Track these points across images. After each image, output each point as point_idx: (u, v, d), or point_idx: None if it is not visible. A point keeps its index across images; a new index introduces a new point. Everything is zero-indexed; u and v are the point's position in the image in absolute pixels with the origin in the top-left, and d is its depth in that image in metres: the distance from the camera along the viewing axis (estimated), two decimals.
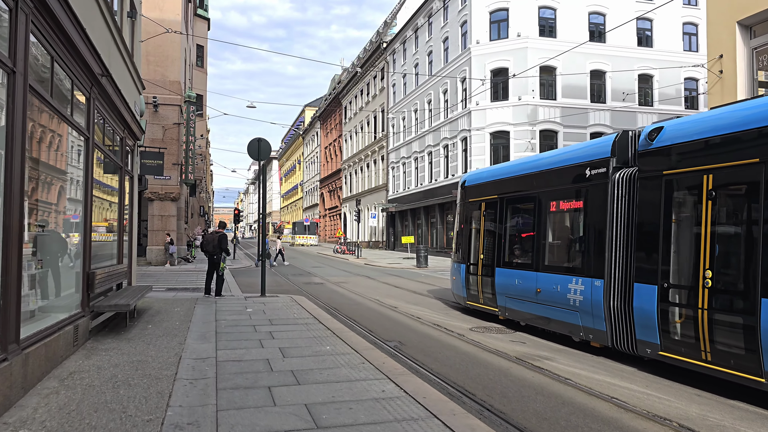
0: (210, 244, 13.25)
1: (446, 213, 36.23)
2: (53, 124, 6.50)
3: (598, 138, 8.80)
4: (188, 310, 10.90)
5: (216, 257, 13.15)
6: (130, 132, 11.02)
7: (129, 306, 7.86)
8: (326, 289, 17.47)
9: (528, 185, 10.08)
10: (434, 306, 13.77)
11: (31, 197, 5.65)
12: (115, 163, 9.99)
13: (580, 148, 8.88)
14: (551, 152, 9.86)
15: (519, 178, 10.36)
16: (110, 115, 9.14)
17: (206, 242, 13.42)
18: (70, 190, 7.37)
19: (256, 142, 13.65)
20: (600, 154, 8.23)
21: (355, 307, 13.30)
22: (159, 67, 27.15)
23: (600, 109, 31.16)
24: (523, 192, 10.25)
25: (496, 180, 11.23)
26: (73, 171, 7.42)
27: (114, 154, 10.01)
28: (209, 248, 13.28)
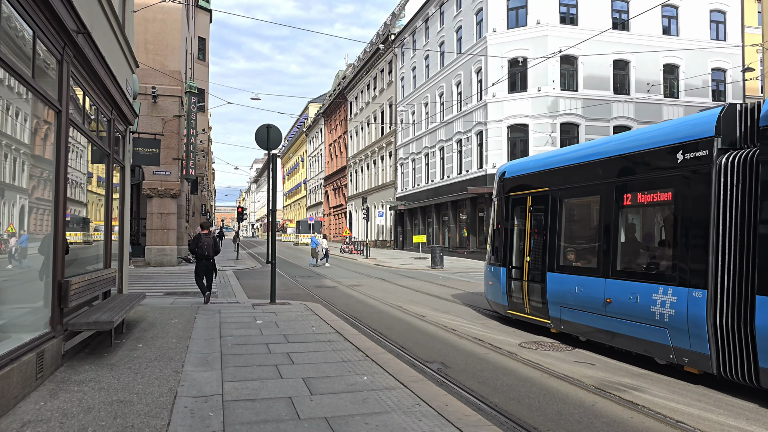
0: (206, 247, 12.06)
1: (459, 211, 34.62)
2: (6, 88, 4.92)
3: (690, 116, 7.18)
4: (187, 321, 9.31)
5: (213, 261, 12.22)
6: (120, 114, 9.44)
7: (112, 323, 6.28)
8: (340, 294, 15.88)
9: (591, 175, 8.47)
10: (466, 314, 12.19)
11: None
12: (101, 149, 8.40)
13: (666, 128, 7.26)
14: (622, 135, 8.24)
15: (580, 167, 8.73)
16: (93, 89, 7.56)
17: (202, 245, 12.06)
18: (38, 177, 5.80)
19: (265, 129, 12.07)
20: (698, 134, 6.62)
21: (378, 316, 11.71)
22: (158, 56, 25.58)
23: (623, 100, 29.51)
24: (585, 183, 8.63)
25: (547, 170, 9.62)
26: (41, 153, 5.85)
27: (100, 139, 8.43)
28: (207, 251, 12.05)
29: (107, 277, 8.30)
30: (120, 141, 10.23)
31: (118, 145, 10.15)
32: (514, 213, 10.70)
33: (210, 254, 12.09)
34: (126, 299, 8.48)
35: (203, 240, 12.07)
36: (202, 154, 44.30)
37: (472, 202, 31.77)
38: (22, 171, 5.45)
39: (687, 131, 6.81)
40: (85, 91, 7.21)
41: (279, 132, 12.19)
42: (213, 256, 12.16)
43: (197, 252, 12.02)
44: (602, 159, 8.20)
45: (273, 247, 11.99)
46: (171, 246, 25.37)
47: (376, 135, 50.64)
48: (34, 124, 5.68)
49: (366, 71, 53.20)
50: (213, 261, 12.20)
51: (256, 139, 12.00)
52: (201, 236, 12.13)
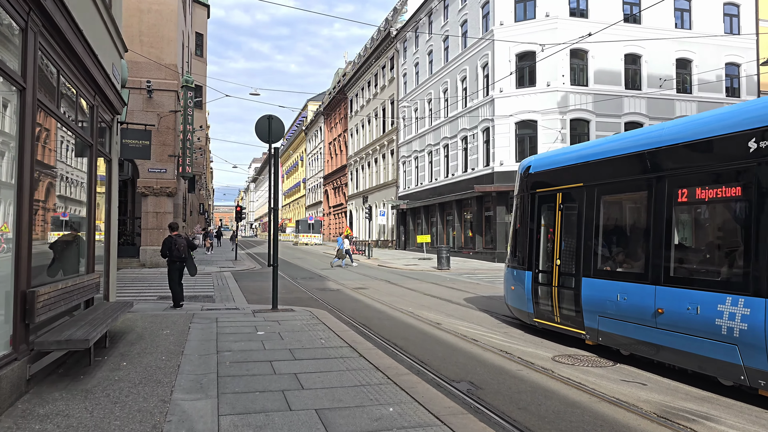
0: (182, 249, 11.52)
1: (464, 210, 33.64)
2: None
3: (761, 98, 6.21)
4: (180, 333, 8.32)
5: (191, 260, 11.78)
6: (105, 101, 8.45)
7: (88, 341, 5.29)
8: (346, 298, 14.90)
9: (637, 167, 7.50)
10: (485, 321, 11.21)
11: None
12: (81, 139, 7.41)
13: (734, 112, 6.29)
14: (677, 122, 7.25)
15: (623, 159, 7.74)
16: (71, 69, 6.57)
17: (178, 246, 11.46)
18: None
19: (266, 120, 11.08)
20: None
21: (389, 323, 10.74)
22: (153, 49, 24.58)
23: (635, 96, 28.55)
24: (631, 177, 7.65)
25: (581, 163, 8.63)
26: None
27: (81, 127, 7.44)
28: (183, 252, 11.55)
29: (89, 283, 7.31)
30: (106, 132, 9.24)
31: (104, 137, 9.16)
32: (541, 211, 9.73)
33: (186, 255, 11.62)
34: (110, 309, 7.49)
35: (178, 241, 11.49)
36: (200, 152, 43.30)
37: (478, 200, 30.80)
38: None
39: (761, 112, 5.84)
40: (59, 70, 6.21)
41: (281, 123, 11.20)
42: (189, 257, 11.76)
43: (173, 254, 11.40)
44: (652, 149, 7.22)
45: (275, 248, 11.00)
46: None
47: (377, 133, 49.65)
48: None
49: (367, 68, 52.19)
50: (191, 260, 11.81)
51: (257, 132, 11.01)
52: (173, 238, 11.48)
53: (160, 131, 24.32)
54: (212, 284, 18.07)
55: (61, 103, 6.37)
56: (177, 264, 11.56)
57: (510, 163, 28.17)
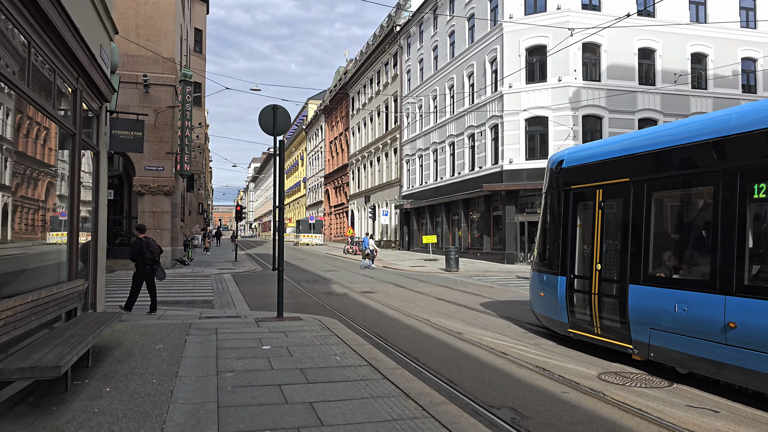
0: (156, 251, 10.97)
1: (471, 210, 32.67)
2: None
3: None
4: (176, 347, 7.35)
5: (157, 266, 11.05)
6: (90, 86, 7.49)
7: (59, 368, 4.32)
8: (354, 303, 13.94)
9: (698, 159, 6.54)
10: (509, 330, 10.26)
11: None
12: (62, 126, 6.44)
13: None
14: (745, 107, 6.30)
15: (683, 149, 6.77)
16: (45, 42, 5.61)
17: (153, 248, 10.86)
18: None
19: (271, 111, 10.11)
20: None
21: (405, 334, 9.78)
22: (150, 42, 23.61)
23: (649, 91, 27.59)
24: (692, 170, 6.69)
25: (629, 156, 7.65)
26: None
27: (60, 112, 6.48)
28: (156, 255, 10.94)
29: (70, 292, 6.35)
30: (93, 121, 8.28)
31: (90, 127, 8.20)
32: (577, 210, 8.77)
33: (158, 258, 11.02)
34: (95, 321, 6.52)
35: (151, 243, 10.86)
36: (199, 150, 42.34)
37: (486, 200, 29.84)
38: None
39: None
40: (30, 41, 5.25)
41: (287, 114, 10.24)
42: (158, 260, 11.16)
43: (147, 257, 10.64)
44: (719, 138, 6.25)
45: (280, 250, 10.03)
46: (164, 247, 23.38)
47: (380, 131, 48.69)
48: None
49: (369, 65, 51.23)
50: (159, 264, 11.21)
51: (261, 123, 10.05)
52: (144, 240, 10.79)
53: (158, 128, 23.36)
54: (211, 287, 17.11)
55: (32, 82, 5.40)
56: (148, 267, 10.83)
57: (520, 161, 27.23)
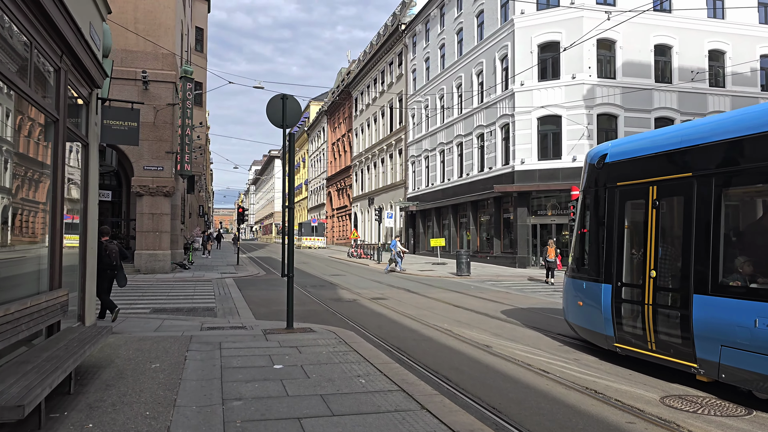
0: (114, 255, 10.31)
1: (480, 212, 31.73)
2: None
3: None
4: (174, 367, 6.40)
5: (118, 272, 10.43)
6: (78, 67, 6.57)
7: (22, 409, 3.37)
8: (366, 311, 13.00)
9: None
10: (541, 343, 9.32)
11: None
12: (40, 109, 5.51)
13: None
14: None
15: (760, 139, 5.84)
16: (21, 9, 4.67)
17: (110, 252, 10.23)
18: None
19: (280, 101, 9.18)
20: None
21: (428, 347, 8.83)
22: (150, 37, 22.71)
23: (666, 89, 26.68)
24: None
25: (694, 147, 6.70)
26: None
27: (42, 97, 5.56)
28: (114, 260, 10.32)
29: (50, 305, 5.41)
30: (82, 110, 7.35)
31: (79, 116, 7.27)
32: (625, 209, 7.82)
33: (118, 263, 10.35)
34: (80, 338, 5.59)
35: (109, 247, 10.15)
36: (200, 151, 41.44)
37: (496, 201, 28.90)
38: None
39: None
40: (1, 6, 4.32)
41: (297, 104, 9.31)
42: (121, 265, 10.57)
43: (104, 261, 9.85)
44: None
45: (290, 255, 9.09)
46: (164, 250, 22.49)
47: (384, 132, 47.77)
48: None
49: (373, 65, 50.34)
50: (122, 270, 10.62)
51: (269, 114, 9.12)
52: (103, 243, 9.98)
53: (157, 126, 22.46)
54: (213, 293, 16.18)
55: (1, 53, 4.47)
56: (108, 273, 10.11)
57: (532, 161, 26.29)
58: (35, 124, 5.75)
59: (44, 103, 5.56)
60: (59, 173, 5.99)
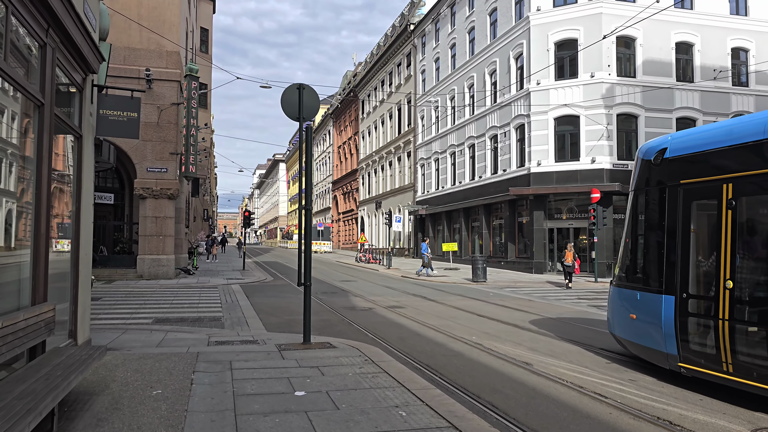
0: None
1: (493, 215, 30.78)
2: None
3: None
4: (179, 393, 5.49)
5: None
6: (68, 46, 5.69)
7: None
8: (384, 321, 12.06)
9: None
10: (585, 360, 8.38)
11: None
12: (19, 89, 4.62)
13: None
14: None
15: None
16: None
17: None
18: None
19: (296, 91, 8.29)
20: None
21: (461, 364, 7.90)
22: (154, 34, 21.91)
23: (687, 88, 25.73)
24: None
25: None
26: None
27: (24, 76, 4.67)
28: None
29: (31, 323, 4.51)
30: (75, 98, 6.47)
31: (71, 104, 6.39)
32: (691, 210, 6.88)
33: None
34: (65, 365, 4.68)
35: None
36: (204, 153, 40.65)
37: (511, 205, 27.96)
38: None
39: None
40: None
41: (315, 95, 8.41)
42: None
43: None
44: None
45: (307, 261, 8.17)
46: (168, 255, 21.62)
47: (392, 134, 46.89)
48: None
49: (380, 66, 49.52)
50: None
51: (284, 106, 8.23)
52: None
53: (161, 126, 21.63)
54: (219, 301, 15.27)
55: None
56: None
57: (549, 163, 25.35)
58: (17, 112, 4.87)
59: (24, 82, 4.67)
60: (44, 167, 5.10)
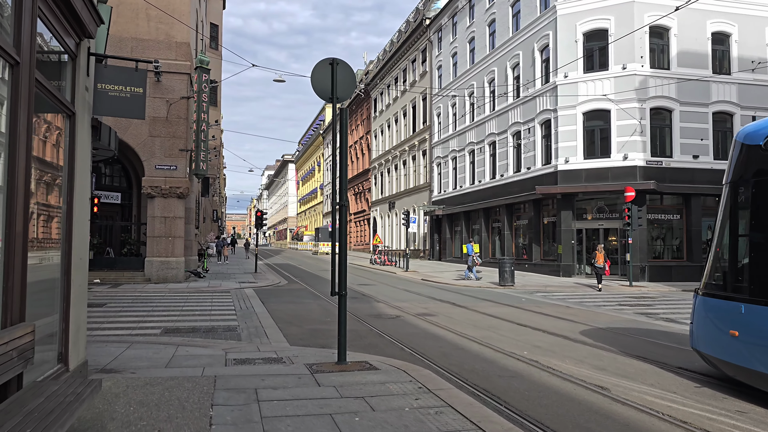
0: None
1: (516, 216, 29.47)
2: None
3: None
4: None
5: None
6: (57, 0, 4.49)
7: None
8: (419, 332, 10.81)
9: None
10: (668, 383, 7.11)
11: None
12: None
13: None
14: None
15: None
16: None
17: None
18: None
19: (328, 66, 7.06)
20: None
21: (524, 388, 6.66)
22: (162, 24, 20.82)
23: (724, 81, 24.32)
24: None
25: None
26: None
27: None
28: None
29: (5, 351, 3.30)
30: (66, 68, 5.28)
31: (62, 76, 5.21)
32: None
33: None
34: (44, 411, 3.47)
35: None
36: (214, 152, 39.60)
37: (535, 204, 26.63)
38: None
39: None
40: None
41: (350, 71, 7.19)
42: None
43: None
44: None
45: (342, 267, 6.94)
46: (177, 257, 20.49)
47: (406, 133, 45.64)
48: None
49: (394, 64, 48.30)
50: None
51: (314, 84, 7.00)
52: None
53: (170, 121, 20.52)
54: (233, 307, 14.10)
55: None
56: None
57: (577, 160, 24.02)
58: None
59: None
60: (20, 147, 3.90)
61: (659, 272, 22.83)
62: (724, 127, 24.38)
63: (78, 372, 5.35)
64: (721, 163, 23.87)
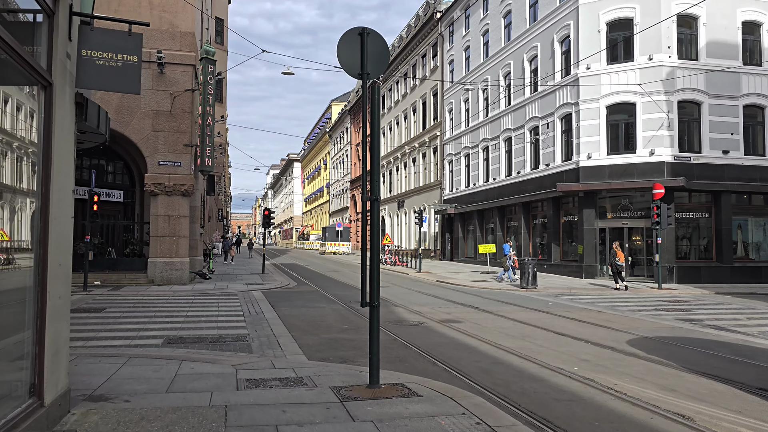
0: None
1: (533, 214, 28.34)
2: None
3: None
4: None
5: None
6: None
7: None
8: (448, 342, 9.73)
9: None
10: (753, 408, 6.10)
11: None
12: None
13: None
14: None
15: None
16: None
17: None
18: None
19: (357, 37, 5.99)
20: None
21: (592, 417, 5.66)
22: (166, 13, 19.80)
23: (755, 72, 23.13)
24: None
25: None
26: None
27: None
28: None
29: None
30: (40, 30, 4.23)
31: (35, 39, 4.17)
32: None
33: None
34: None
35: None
36: (220, 149, 38.62)
37: (555, 202, 25.50)
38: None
39: None
40: None
41: (383, 42, 6.12)
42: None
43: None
44: None
45: (374, 274, 5.87)
46: (181, 258, 19.47)
47: (415, 130, 44.53)
48: None
49: (402, 59, 47.20)
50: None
51: (341, 57, 5.94)
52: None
53: (174, 115, 19.50)
54: (242, 312, 13.06)
55: None
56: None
57: (600, 155, 22.89)
58: None
59: None
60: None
61: (688, 274, 21.67)
62: (755, 122, 23.20)
63: (56, 406, 4.30)
64: (752, 159, 22.72)
